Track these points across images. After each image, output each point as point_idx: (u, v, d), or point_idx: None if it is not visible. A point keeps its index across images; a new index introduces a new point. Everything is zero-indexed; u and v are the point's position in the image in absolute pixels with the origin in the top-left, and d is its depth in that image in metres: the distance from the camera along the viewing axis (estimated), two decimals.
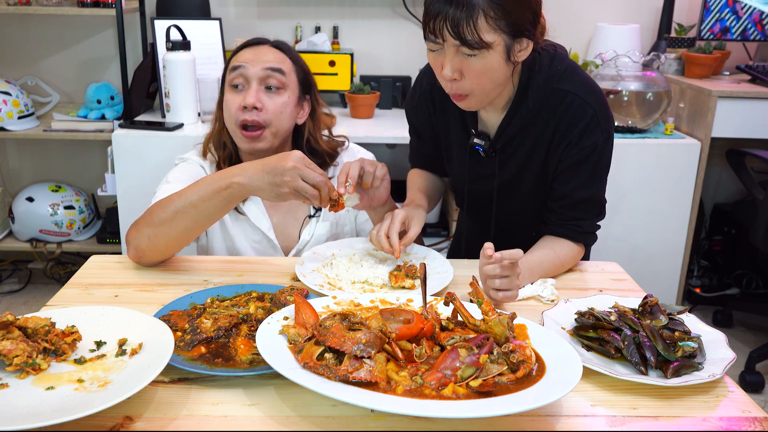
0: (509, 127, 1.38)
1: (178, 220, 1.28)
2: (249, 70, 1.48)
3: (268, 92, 1.49)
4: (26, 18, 2.95)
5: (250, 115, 1.47)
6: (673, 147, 2.50)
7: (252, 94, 1.47)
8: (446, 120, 1.48)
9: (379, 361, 0.90)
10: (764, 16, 2.76)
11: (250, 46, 1.54)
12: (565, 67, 1.35)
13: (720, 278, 3.13)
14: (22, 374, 0.93)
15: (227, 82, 1.52)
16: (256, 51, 1.52)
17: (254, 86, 1.48)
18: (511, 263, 1.18)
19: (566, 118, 1.34)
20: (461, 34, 1.17)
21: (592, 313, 1.11)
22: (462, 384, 0.88)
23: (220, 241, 1.57)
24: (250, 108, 1.47)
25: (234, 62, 1.51)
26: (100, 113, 2.80)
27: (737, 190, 3.21)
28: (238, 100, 1.48)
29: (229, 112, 1.50)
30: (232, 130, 1.51)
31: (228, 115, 1.51)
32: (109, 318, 1.06)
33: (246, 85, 1.49)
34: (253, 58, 1.50)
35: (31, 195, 2.88)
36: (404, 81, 2.88)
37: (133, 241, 1.33)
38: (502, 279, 1.18)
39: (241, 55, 1.52)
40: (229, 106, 1.50)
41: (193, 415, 0.89)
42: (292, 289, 1.17)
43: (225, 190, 1.26)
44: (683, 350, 1.02)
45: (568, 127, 1.34)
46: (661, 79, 2.49)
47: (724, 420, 0.92)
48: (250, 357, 0.99)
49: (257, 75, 1.48)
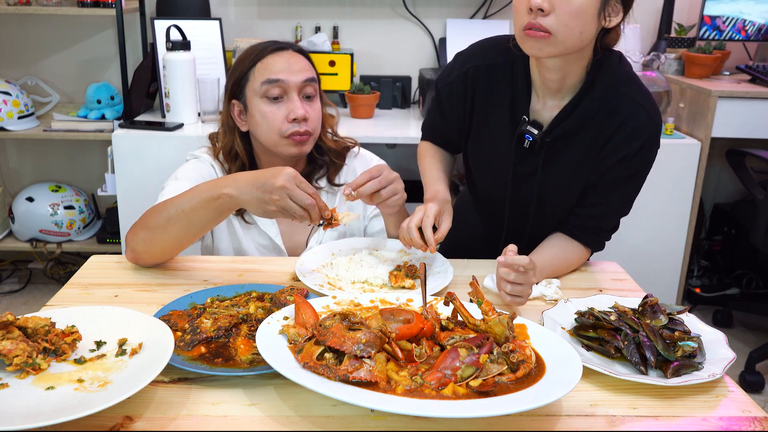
0: (566, 121, 1.31)
1: (171, 226, 1.28)
2: (288, 82, 1.45)
3: (307, 101, 1.48)
4: (26, 18, 2.95)
5: (300, 126, 1.45)
6: (673, 147, 2.50)
7: (299, 106, 1.45)
8: (490, 105, 1.40)
9: (379, 361, 0.90)
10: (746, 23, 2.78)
11: (273, 52, 1.48)
12: (631, 73, 1.32)
13: (720, 278, 3.13)
14: (22, 374, 0.93)
15: (260, 93, 1.45)
16: (286, 60, 1.47)
17: (295, 97, 1.46)
18: (526, 269, 1.16)
19: (629, 128, 1.29)
20: None
21: (592, 313, 1.12)
22: (462, 384, 0.88)
23: (226, 243, 1.56)
24: (300, 120, 1.45)
25: (267, 74, 1.45)
26: (100, 113, 2.80)
27: (737, 190, 3.21)
28: (281, 112, 1.45)
29: (270, 125, 1.46)
30: (274, 141, 1.47)
31: (268, 128, 1.46)
32: (109, 318, 1.06)
33: (285, 96, 1.46)
34: (287, 68, 1.46)
35: (31, 195, 2.88)
36: (404, 81, 2.88)
37: (130, 243, 1.33)
38: (515, 285, 1.18)
39: (271, 64, 1.46)
40: (270, 119, 1.45)
41: (193, 415, 0.89)
42: (292, 289, 1.17)
43: (215, 201, 1.24)
44: (683, 350, 1.02)
45: (629, 137, 1.29)
46: (661, 79, 2.49)
47: (724, 420, 0.92)
48: (250, 357, 0.99)
49: (296, 86, 1.46)
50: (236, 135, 1.53)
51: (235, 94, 1.51)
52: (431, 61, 3.02)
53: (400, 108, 2.88)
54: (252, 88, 1.47)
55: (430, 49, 3.01)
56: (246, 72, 1.49)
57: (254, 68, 1.47)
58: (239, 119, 1.52)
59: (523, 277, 1.17)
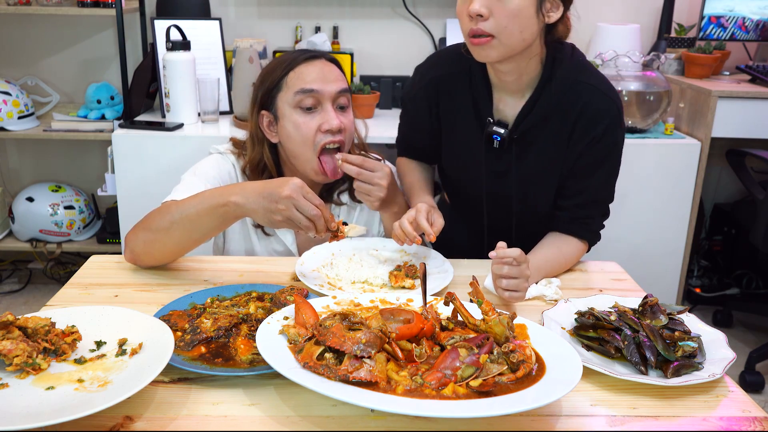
0: (529, 116, 1.36)
1: (174, 230, 1.26)
2: (323, 92, 1.42)
3: (341, 111, 1.46)
4: (26, 18, 2.95)
5: (334, 136, 1.43)
6: (673, 147, 2.50)
7: (333, 116, 1.42)
8: (455, 111, 1.45)
9: (379, 361, 0.90)
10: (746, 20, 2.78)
11: (306, 61, 1.45)
12: (585, 61, 1.37)
13: (720, 278, 3.13)
14: (22, 374, 0.93)
15: (293, 104, 1.42)
16: (320, 69, 1.44)
17: (329, 107, 1.43)
18: (518, 261, 1.17)
19: (590, 112, 1.34)
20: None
21: (592, 312, 1.12)
22: (462, 384, 0.88)
23: (238, 244, 1.54)
24: (335, 131, 1.43)
25: (301, 84, 1.42)
26: (100, 113, 2.80)
27: (737, 190, 3.22)
28: (314, 122, 1.42)
29: (303, 136, 1.43)
30: (306, 156, 1.44)
31: (301, 139, 1.43)
32: (109, 318, 1.06)
33: (318, 106, 1.43)
34: (321, 78, 1.43)
35: (31, 195, 2.88)
36: (404, 81, 2.88)
37: (130, 243, 1.32)
38: (510, 280, 1.18)
39: (305, 74, 1.43)
40: (303, 130, 1.42)
41: (193, 414, 0.89)
42: (292, 289, 1.17)
43: (221, 208, 1.22)
44: (683, 350, 1.02)
45: (592, 122, 1.34)
46: (661, 79, 2.49)
47: (724, 420, 0.92)
48: (250, 357, 0.99)
49: (331, 96, 1.43)
50: (265, 147, 1.49)
51: (265, 105, 1.47)
52: None
53: (400, 108, 2.87)
54: (284, 98, 1.44)
55: (430, 49, 3.01)
56: (278, 81, 1.45)
57: (286, 77, 1.44)
58: (269, 130, 1.48)
59: (516, 269, 1.17)
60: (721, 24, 2.78)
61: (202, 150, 2.31)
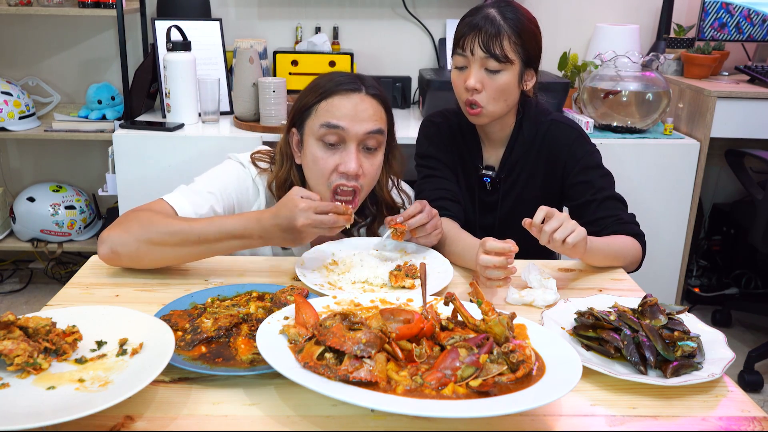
0: (510, 158, 1.61)
1: (184, 248, 1.26)
2: (349, 132, 1.35)
3: (366, 153, 1.39)
4: (27, 18, 2.95)
5: (349, 180, 1.37)
6: (673, 147, 2.50)
7: (353, 159, 1.35)
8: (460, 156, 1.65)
9: (379, 361, 0.90)
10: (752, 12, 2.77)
11: (344, 93, 1.37)
12: (545, 105, 1.64)
13: (719, 278, 3.13)
14: (23, 374, 0.93)
15: (317, 135, 1.37)
16: (354, 105, 1.36)
17: (353, 148, 1.36)
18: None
19: (556, 141, 1.59)
20: (491, 48, 1.45)
21: (592, 312, 1.12)
22: (462, 384, 0.88)
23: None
24: (351, 175, 1.37)
25: (328, 117, 1.36)
26: (101, 113, 2.80)
27: (736, 190, 3.22)
28: (332, 161, 1.37)
29: (319, 171, 1.38)
30: (320, 190, 1.39)
31: (317, 174, 1.39)
32: (110, 318, 1.06)
33: (342, 145, 1.37)
34: (352, 115, 1.35)
35: (32, 195, 2.88)
36: (404, 81, 2.88)
37: (114, 241, 1.25)
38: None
39: (336, 108, 1.36)
40: (320, 166, 1.37)
41: (194, 414, 0.89)
42: (292, 289, 1.17)
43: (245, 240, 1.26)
44: (682, 350, 1.02)
45: (559, 148, 1.59)
46: (660, 79, 2.49)
47: (723, 419, 0.92)
48: (251, 357, 0.99)
49: (357, 137, 1.36)
50: (293, 165, 1.46)
51: (296, 124, 1.44)
52: (431, 61, 3.03)
53: (400, 108, 2.88)
54: (311, 125, 1.40)
55: (430, 49, 3.02)
56: (310, 106, 1.40)
57: (318, 105, 1.38)
58: (296, 149, 1.45)
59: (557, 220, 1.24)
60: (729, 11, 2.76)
61: (202, 150, 2.33)
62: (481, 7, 1.51)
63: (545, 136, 1.59)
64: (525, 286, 1.28)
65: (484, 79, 1.48)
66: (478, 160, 1.64)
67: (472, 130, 1.64)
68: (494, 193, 1.64)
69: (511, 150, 1.61)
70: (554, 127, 1.60)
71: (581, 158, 1.57)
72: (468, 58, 1.48)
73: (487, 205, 1.66)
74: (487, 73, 1.47)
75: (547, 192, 1.62)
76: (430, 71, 2.75)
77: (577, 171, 1.56)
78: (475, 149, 1.64)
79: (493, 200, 1.65)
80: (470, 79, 1.47)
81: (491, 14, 1.47)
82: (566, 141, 1.58)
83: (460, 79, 1.51)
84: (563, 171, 1.59)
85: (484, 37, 1.45)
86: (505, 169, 1.62)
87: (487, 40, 1.45)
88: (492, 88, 1.48)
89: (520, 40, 1.47)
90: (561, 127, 1.60)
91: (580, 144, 1.58)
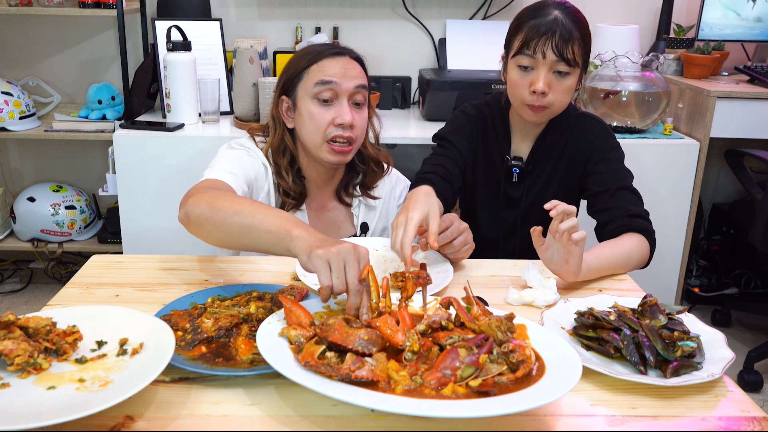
0: (539, 149, 1.64)
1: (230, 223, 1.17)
2: (341, 86, 1.49)
3: (355, 108, 1.52)
4: (27, 18, 2.95)
5: (345, 131, 1.49)
6: (672, 147, 2.50)
7: (347, 111, 1.49)
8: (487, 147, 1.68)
9: (380, 360, 0.90)
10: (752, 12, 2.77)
11: (331, 56, 1.52)
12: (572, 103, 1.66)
13: (719, 278, 3.13)
14: (23, 374, 0.93)
15: (312, 94, 1.49)
16: (342, 65, 1.51)
17: (345, 103, 1.50)
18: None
19: (583, 132, 1.63)
20: (564, 53, 1.47)
21: (592, 312, 1.12)
22: (462, 384, 0.88)
23: None
24: (347, 126, 1.49)
25: (321, 76, 1.49)
26: (101, 113, 2.80)
27: (736, 190, 3.22)
28: (329, 115, 1.49)
29: (316, 126, 1.50)
30: (315, 143, 1.51)
31: (314, 128, 1.50)
32: (110, 318, 1.06)
33: (335, 100, 1.50)
34: (342, 73, 1.49)
35: (33, 195, 2.88)
36: (404, 81, 2.88)
37: (190, 207, 1.24)
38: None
39: (327, 68, 1.50)
40: (317, 120, 1.49)
41: (194, 414, 0.89)
42: (292, 289, 1.18)
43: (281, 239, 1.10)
44: (682, 350, 1.03)
45: (585, 139, 1.62)
46: (660, 79, 2.49)
47: (723, 419, 0.92)
48: (251, 357, 0.99)
49: (348, 91, 1.50)
50: (285, 130, 1.57)
51: (286, 91, 1.55)
52: (431, 61, 3.03)
53: (400, 108, 2.88)
54: (304, 87, 1.51)
55: (430, 49, 3.02)
56: (301, 71, 1.52)
57: (310, 68, 1.51)
58: (286, 116, 1.56)
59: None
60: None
61: (202, 150, 2.33)
62: (542, 7, 1.51)
63: (573, 127, 1.63)
64: (525, 286, 1.28)
65: (552, 81, 1.50)
66: (506, 150, 1.66)
67: (504, 122, 1.66)
68: (520, 184, 1.66)
69: (541, 142, 1.64)
70: (583, 119, 1.65)
71: (604, 150, 1.61)
72: (537, 60, 1.48)
73: (512, 200, 1.68)
74: (555, 75, 1.50)
75: (566, 190, 1.65)
76: (430, 71, 2.75)
77: (598, 160, 1.60)
78: (504, 140, 1.66)
79: (518, 194, 1.67)
80: (539, 82, 1.49)
81: (560, 18, 1.48)
82: (593, 133, 1.63)
83: (525, 80, 1.51)
84: (585, 163, 1.62)
85: (558, 41, 1.46)
86: (533, 160, 1.65)
87: (561, 45, 1.46)
88: (559, 90, 1.51)
89: (584, 44, 1.51)
90: (589, 121, 1.66)
91: (605, 137, 1.63)
